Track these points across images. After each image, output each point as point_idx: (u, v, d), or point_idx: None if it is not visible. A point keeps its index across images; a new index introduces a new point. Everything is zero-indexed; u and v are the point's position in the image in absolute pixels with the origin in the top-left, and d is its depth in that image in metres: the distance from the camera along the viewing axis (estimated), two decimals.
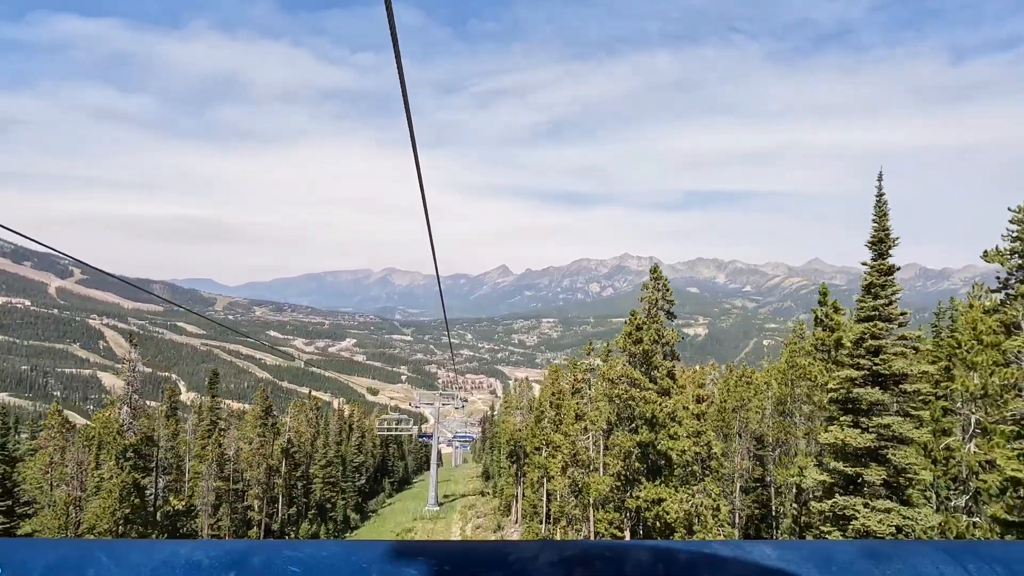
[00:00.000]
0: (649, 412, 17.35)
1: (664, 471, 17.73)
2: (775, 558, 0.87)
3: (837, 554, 0.89)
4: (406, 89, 2.06)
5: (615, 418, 18.81)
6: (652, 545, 0.90)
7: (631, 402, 17.98)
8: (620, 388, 18.15)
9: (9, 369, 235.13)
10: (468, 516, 56.01)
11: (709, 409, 17.20)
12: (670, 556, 0.86)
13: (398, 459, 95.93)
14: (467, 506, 61.18)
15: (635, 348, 18.57)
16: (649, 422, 17.53)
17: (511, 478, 52.83)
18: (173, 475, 31.66)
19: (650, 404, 17.34)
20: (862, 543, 0.94)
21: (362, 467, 70.13)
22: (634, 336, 18.72)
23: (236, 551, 0.85)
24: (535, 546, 0.88)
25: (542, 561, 0.83)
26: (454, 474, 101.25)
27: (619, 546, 0.90)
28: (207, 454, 33.03)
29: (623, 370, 18.39)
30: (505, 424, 55.37)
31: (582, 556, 0.85)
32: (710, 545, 0.90)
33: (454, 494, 71.09)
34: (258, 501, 39.61)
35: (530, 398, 53.02)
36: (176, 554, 0.84)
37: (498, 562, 0.83)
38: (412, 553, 0.85)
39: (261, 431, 39.84)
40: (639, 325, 18.78)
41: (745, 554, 0.88)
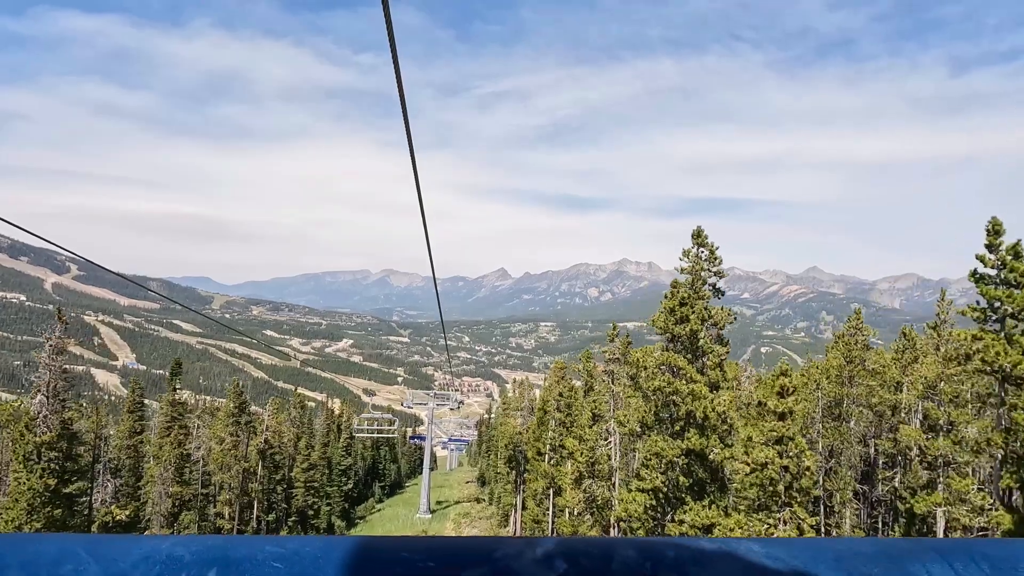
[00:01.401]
0: (700, 411, 13.41)
1: (710, 488, 13.78)
2: (762, 554, 0.87)
3: (824, 551, 0.89)
4: (403, 90, 2.10)
5: (652, 418, 14.78)
6: (639, 542, 0.89)
7: (674, 397, 13.94)
8: (660, 380, 14.10)
9: (2, 364, 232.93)
10: (462, 525, 52.18)
11: (797, 406, 13.13)
12: (657, 552, 0.86)
13: (390, 462, 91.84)
14: (461, 514, 57.30)
15: (679, 329, 14.52)
16: (698, 424, 13.57)
17: (509, 485, 48.89)
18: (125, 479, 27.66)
19: (700, 401, 13.38)
20: (850, 540, 0.94)
21: (350, 470, 66.13)
22: (678, 313, 14.67)
23: (218, 546, 0.84)
24: (520, 542, 0.87)
25: (527, 557, 0.83)
26: (448, 478, 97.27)
27: (605, 542, 0.88)
28: (163, 454, 28.88)
29: (664, 357, 14.32)
30: (503, 427, 51.38)
31: (568, 552, 0.85)
32: (697, 541, 0.89)
33: (448, 500, 67.20)
34: (229, 507, 35.52)
35: (531, 398, 48.98)
36: (157, 549, 0.83)
37: (483, 558, 0.83)
38: (396, 548, 0.84)
39: (234, 429, 35.75)
40: (683, 299, 14.74)
41: (732, 550, 0.88)
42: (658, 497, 14.24)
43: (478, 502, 64.85)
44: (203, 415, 39.73)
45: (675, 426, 14.09)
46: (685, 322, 14.53)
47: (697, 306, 14.44)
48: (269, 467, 44.24)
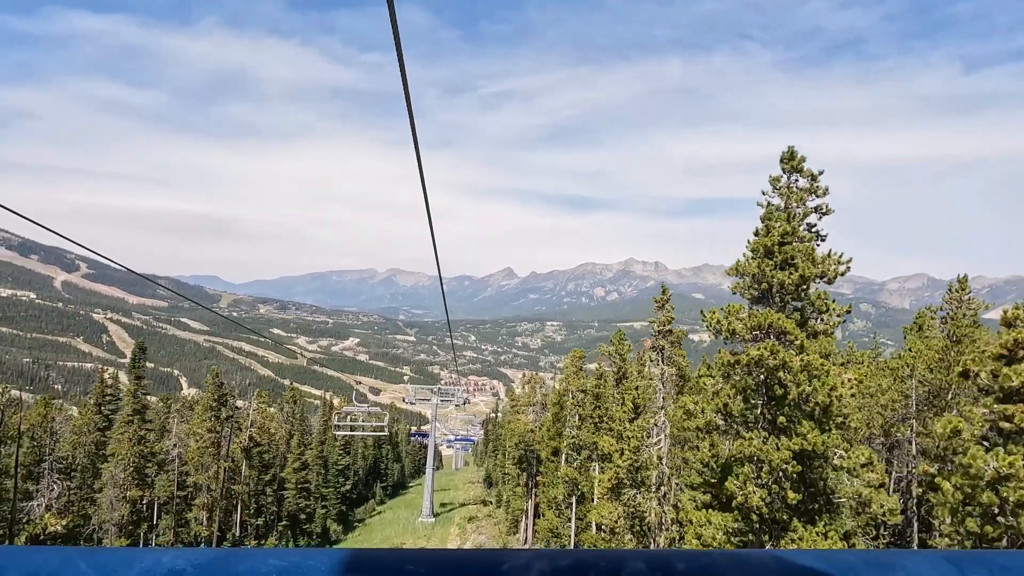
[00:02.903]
0: (823, 394, 9.01)
1: (823, 505, 9.39)
2: (775, 568, 0.86)
3: (838, 563, 0.87)
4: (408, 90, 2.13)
5: (741, 405, 10.35)
6: (649, 554, 0.88)
7: (780, 375, 9.49)
8: (762, 349, 9.46)
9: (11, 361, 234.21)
10: (467, 531, 48.07)
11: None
12: (667, 565, 0.85)
13: (393, 461, 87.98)
14: (466, 518, 53.17)
15: (781, 276, 9.90)
16: (810, 414, 9.18)
17: (519, 488, 44.66)
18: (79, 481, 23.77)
19: (820, 380, 8.94)
20: (864, 552, 0.93)
21: (348, 470, 62.25)
22: (778, 255, 10.19)
23: (220, 559, 0.85)
24: (528, 554, 0.86)
25: (535, 570, 0.83)
26: (453, 479, 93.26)
27: (615, 555, 0.87)
28: (121, 451, 24.88)
29: (764, 316, 9.77)
30: (513, 424, 47.10)
31: (577, 565, 0.84)
32: (708, 555, 0.88)
33: (452, 503, 63.15)
34: (207, 512, 31.65)
35: (544, 393, 44.67)
36: (158, 562, 0.84)
37: (490, 570, 0.83)
38: (401, 561, 0.84)
39: (213, 425, 31.84)
40: (783, 237, 10.20)
41: (744, 564, 0.86)
42: (749, 519, 9.88)
43: (484, 504, 60.78)
44: (182, 410, 35.93)
45: (778, 418, 9.72)
46: (790, 267, 10.01)
47: (806, 246, 10.05)
48: (256, 467, 40.37)
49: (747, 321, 10.00)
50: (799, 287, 10.13)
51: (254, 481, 40.68)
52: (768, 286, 10.17)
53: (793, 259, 10.06)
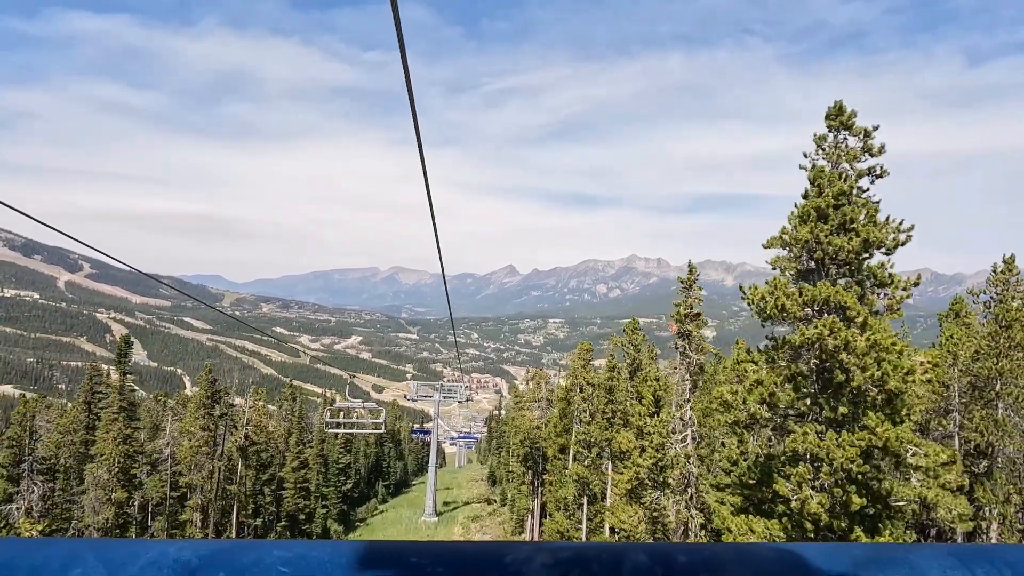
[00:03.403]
0: (897, 379, 7.54)
1: (880, 510, 7.96)
2: (775, 560, 0.86)
3: (841, 557, 0.87)
4: (411, 88, 2.11)
5: (792, 395, 8.87)
6: (650, 547, 0.89)
7: (842, 356, 8.01)
8: (819, 327, 7.92)
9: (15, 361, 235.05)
10: (471, 530, 46.88)
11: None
12: (668, 558, 0.85)
13: (395, 459, 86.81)
14: (470, 517, 51.97)
15: (839, 242, 8.19)
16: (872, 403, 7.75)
17: (525, 487, 43.36)
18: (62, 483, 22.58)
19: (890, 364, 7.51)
20: (867, 545, 0.93)
21: (349, 468, 61.06)
22: (833, 219, 8.52)
23: (225, 550, 0.86)
24: (530, 547, 0.87)
25: (537, 563, 0.83)
26: (457, 477, 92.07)
27: (616, 547, 0.88)
28: (105, 450, 23.68)
29: (821, 289, 8.25)
30: (517, 421, 45.77)
31: (578, 558, 0.84)
32: (709, 547, 0.89)
33: (456, 501, 61.97)
34: (200, 514, 30.48)
35: (549, 389, 43.30)
36: (164, 553, 0.85)
37: (493, 563, 0.84)
38: (405, 553, 0.85)
39: (207, 423, 30.64)
40: (837, 199, 8.53)
41: (745, 556, 0.87)
42: (802, 527, 8.50)
43: (488, 503, 59.57)
44: (176, 407, 34.76)
45: (838, 408, 8.27)
46: (848, 231, 8.44)
47: (870, 205, 8.57)
48: (254, 466, 39.18)
49: (798, 297, 8.54)
50: (860, 255, 8.68)
51: (251, 480, 39.51)
52: (823, 255, 8.67)
53: (853, 222, 8.62)
